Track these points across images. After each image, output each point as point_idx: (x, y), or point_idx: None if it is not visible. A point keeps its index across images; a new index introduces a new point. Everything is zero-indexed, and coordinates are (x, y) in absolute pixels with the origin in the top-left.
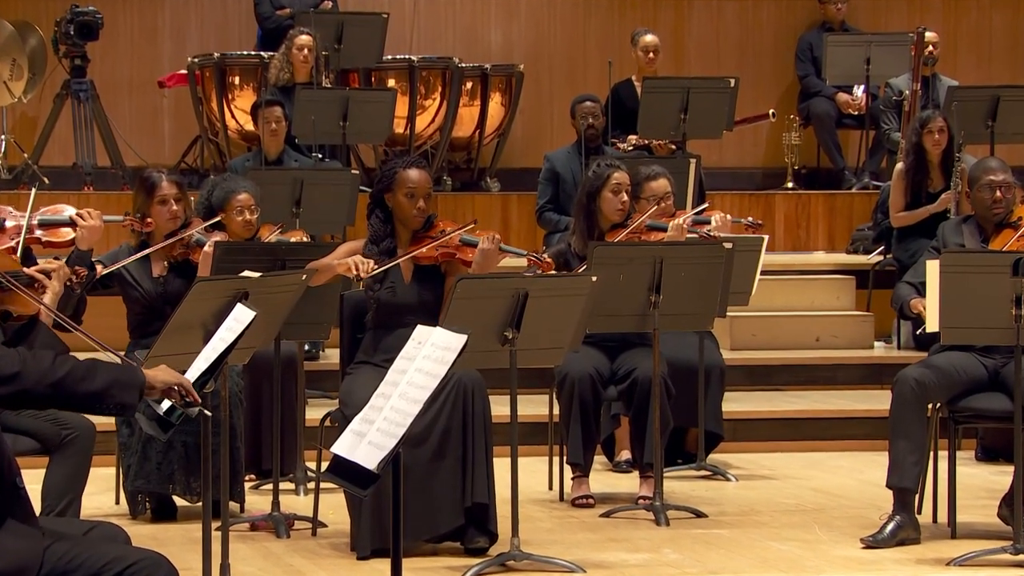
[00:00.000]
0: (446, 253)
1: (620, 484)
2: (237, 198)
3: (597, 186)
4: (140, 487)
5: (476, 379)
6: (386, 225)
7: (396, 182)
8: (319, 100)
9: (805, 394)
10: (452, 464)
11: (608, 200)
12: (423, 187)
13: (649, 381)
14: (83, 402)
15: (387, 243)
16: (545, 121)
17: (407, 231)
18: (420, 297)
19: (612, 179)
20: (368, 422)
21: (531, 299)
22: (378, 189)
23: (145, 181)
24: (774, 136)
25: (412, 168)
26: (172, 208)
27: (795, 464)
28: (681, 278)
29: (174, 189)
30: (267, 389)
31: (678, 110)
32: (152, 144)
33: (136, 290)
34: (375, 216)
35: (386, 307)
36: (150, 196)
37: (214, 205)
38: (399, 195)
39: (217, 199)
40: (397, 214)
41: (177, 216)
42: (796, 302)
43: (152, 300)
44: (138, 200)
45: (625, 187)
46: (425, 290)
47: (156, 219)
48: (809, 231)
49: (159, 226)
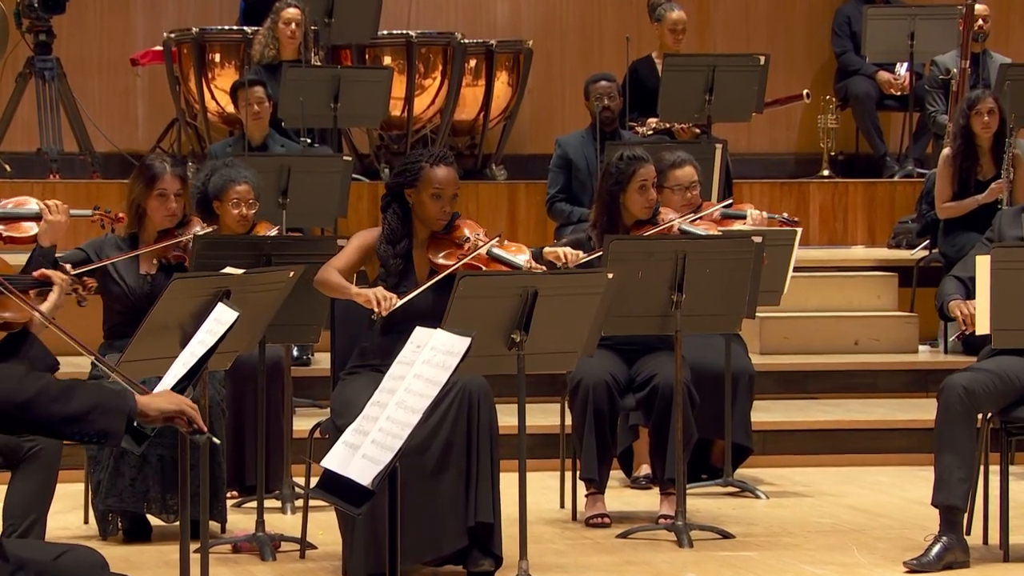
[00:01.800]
0: (470, 267)
1: (639, 502)
2: (236, 188)
3: (622, 183)
4: (112, 506)
5: (482, 386)
6: (404, 224)
7: (421, 180)
8: (308, 79)
9: (842, 403)
10: (455, 479)
11: (635, 199)
12: (451, 187)
13: (671, 389)
14: (57, 426)
15: (404, 244)
16: (556, 103)
17: (426, 230)
18: (435, 304)
19: (639, 176)
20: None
21: (541, 298)
22: (398, 183)
23: (146, 170)
24: (808, 119)
25: (440, 166)
26: (171, 205)
27: (831, 480)
28: (706, 275)
29: (176, 184)
30: (251, 397)
31: (702, 90)
32: (124, 128)
33: (119, 286)
34: (392, 212)
35: (398, 314)
36: (149, 187)
37: (210, 193)
38: (423, 195)
39: (215, 187)
40: (418, 213)
41: (175, 214)
42: (832, 302)
43: (136, 300)
44: (135, 189)
45: (652, 182)
46: (441, 297)
47: (152, 214)
48: (847, 224)
49: (154, 222)
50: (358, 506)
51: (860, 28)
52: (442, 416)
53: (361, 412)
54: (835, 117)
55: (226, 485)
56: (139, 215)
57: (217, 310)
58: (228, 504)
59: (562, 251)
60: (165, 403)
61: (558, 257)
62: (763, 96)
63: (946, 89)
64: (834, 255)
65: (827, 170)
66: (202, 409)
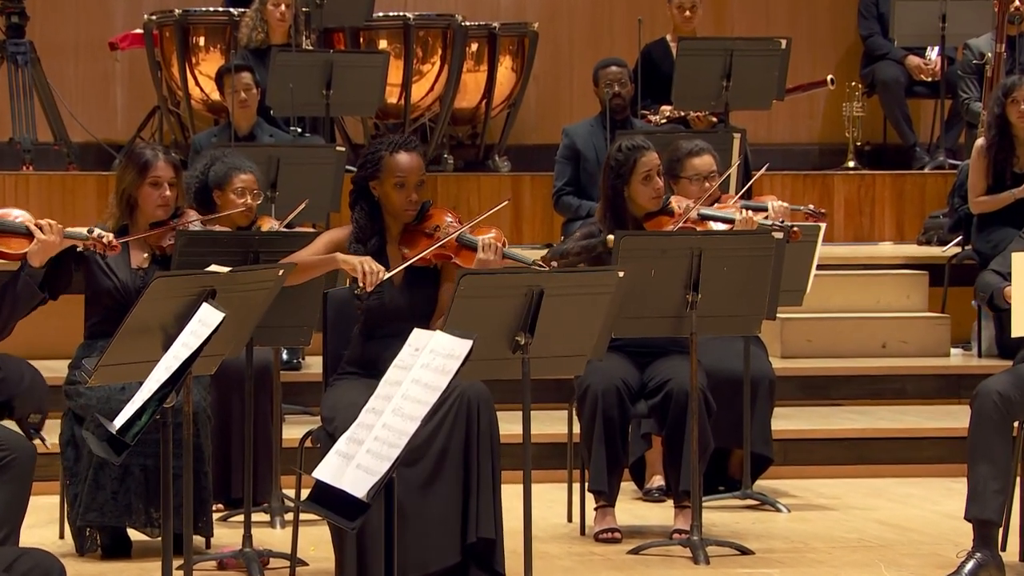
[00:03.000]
0: (442, 255)
1: (651, 515)
2: (240, 177)
3: (624, 175)
4: (92, 520)
5: (482, 392)
6: (373, 220)
7: (382, 170)
8: (298, 65)
9: (869, 410)
10: (449, 492)
11: (640, 191)
12: (415, 174)
13: (685, 395)
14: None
15: (375, 242)
16: (563, 89)
17: (397, 224)
18: (412, 302)
19: (640, 166)
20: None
21: (547, 298)
22: (360, 177)
23: (137, 157)
24: (833, 107)
25: (400, 152)
26: (165, 193)
27: (857, 492)
28: (723, 273)
29: (170, 171)
30: (238, 404)
31: (720, 76)
32: (102, 116)
33: (109, 279)
34: (360, 208)
35: (374, 315)
36: (141, 175)
37: (211, 183)
38: (387, 185)
39: (216, 176)
40: (385, 206)
41: (168, 204)
42: (858, 302)
43: (126, 295)
44: (126, 178)
45: (656, 170)
46: (418, 294)
47: (144, 203)
48: (874, 218)
49: (146, 212)
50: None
51: (888, 10)
52: (438, 424)
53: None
54: (861, 105)
55: (211, 497)
56: (130, 206)
57: (201, 311)
58: (213, 517)
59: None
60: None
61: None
62: (784, 82)
63: (980, 75)
64: (860, 252)
65: (852, 161)
66: (185, 417)
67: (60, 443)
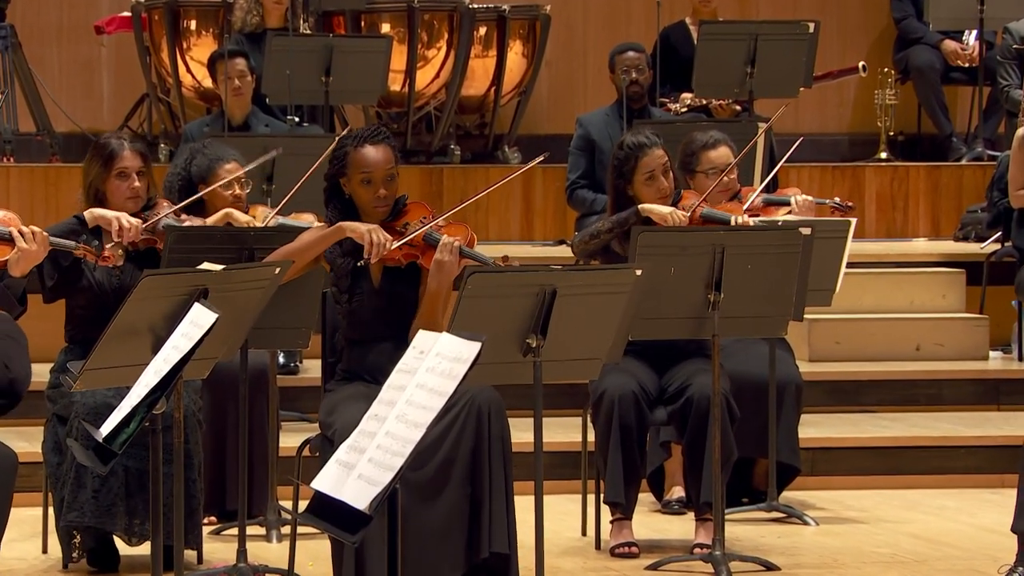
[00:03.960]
0: (410, 254)
1: (671, 529)
2: (225, 168)
3: (626, 174)
4: (73, 521)
5: (493, 398)
6: (347, 218)
7: (348, 165)
8: (296, 50)
9: (902, 417)
10: (454, 504)
11: (644, 192)
12: (381, 170)
13: (707, 400)
14: None
15: (350, 241)
16: (577, 76)
17: (372, 222)
18: (390, 304)
19: (642, 166)
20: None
21: (560, 298)
22: (330, 174)
23: (102, 148)
24: (864, 95)
25: (366, 145)
26: (133, 184)
27: (889, 504)
28: (747, 272)
29: (138, 161)
30: (232, 410)
31: (743, 62)
32: (88, 105)
33: (85, 278)
34: (333, 207)
35: (354, 318)
36: (107, 167)
37: (194, 177)
38: (354, 182)
39: (199, 169)
40: (357, 203)
41: (138, 195)
42: (891, 302)
43: (104, 295)
44: (91, 171)
45: (661, 169)
46: (397, 296)
47: (112, 197)
48: (907, 213)
49: (115, 206)
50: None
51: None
52: (444, 431)
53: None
54: (894, 92)
55: (203, 509)
56: (99, 200)
57: (193, 311)
58: (205, 531)
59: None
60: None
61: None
62: (812, 69)
63: (1020, 60)
64: (893, 249)
65: (885, 152)
66: (176, 423)
67: (43, 451)
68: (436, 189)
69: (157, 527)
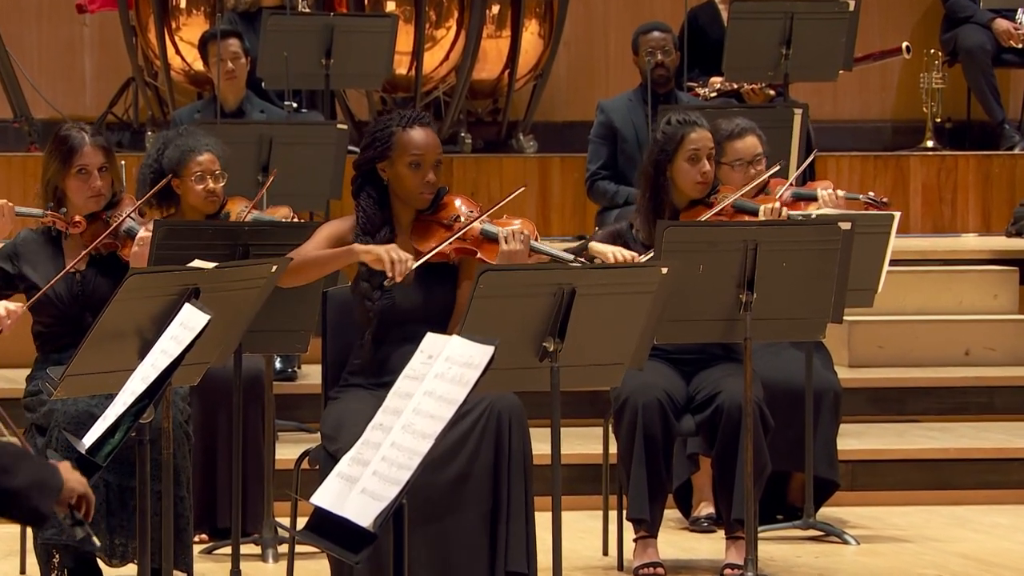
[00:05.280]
0: (463, 249)
1: (699, 548)
2: (197, 160)
3: (668, 152)
4: (51, 539)
5: (514, 406)
6: (381, 208)
7: (394, 148)
8: (294, 30)
9: (950, 427)
10: (470, 523)
11: (683, 171)
12: (432, 152)
13: (739, 409)
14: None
15: (385, 232)
16: (598, 58)
17: (409, 212)
18: (427, 303)
19: (688, 142)
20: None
21: (579, 298)
22: (367, 159)
23: (61, 142)
24: (908, 78)
25: (415, 127)
26: (95, 183)
27: (936, 522)
28: (782, 270)
29: (99, 156)
30: (224, 419)
31: (778, 43)
32: (69, 89)
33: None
34: (365, 195)
35: (385, 319)
36: (66, 163)
37: (165, 168)
38: (399, 166)
39: (170, 160)
40: (396, 191)
41: (100, 193)
42: (938, 302)
43: (65, 306)
44: (50, 167)
45: (707, 151)
46: (433, 294)
47: (73, 195)
48: (956, 206)
49: (76, 205)
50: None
51: None
52: (459, 441)
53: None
54: (941, 76)
55: (193, 526)
56: (58, 199)
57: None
58: (196, 551)
59: (612, 251)
60: (78, 483)
61: (607, 258)
62: (852, 50)
63: None
64: (940, 245)
65: (931, 141)
66: (164, 434)
67: None
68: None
69: (144, 547)
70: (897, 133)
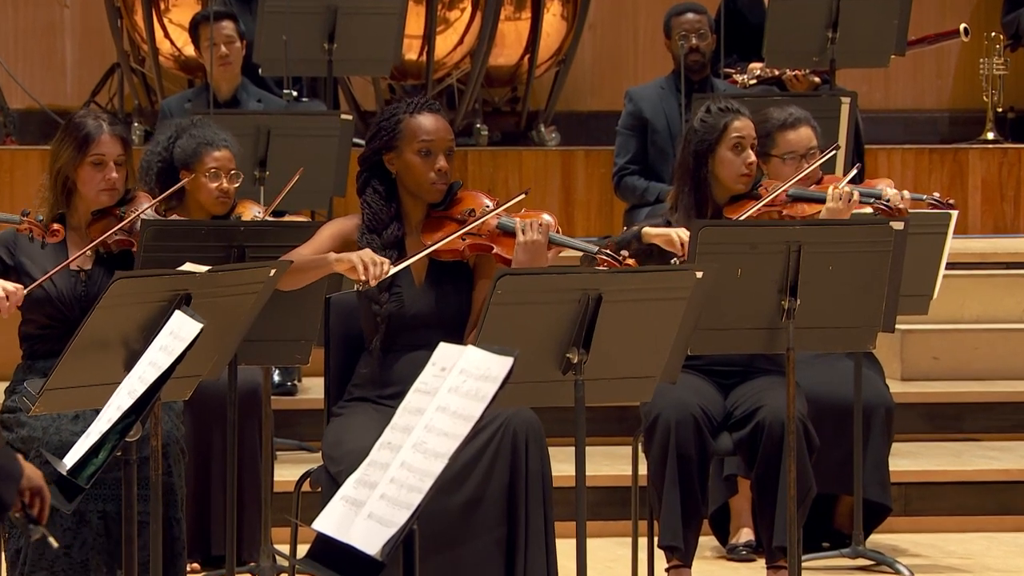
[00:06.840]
0: (477, 245)
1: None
2: (214, 155)
3: (709, 142)
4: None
5: (531, 423)
6: (389, 203)
7: (402, 136)
8: (293, 11)
9: (1012, 446)
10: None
11: (727, 162)
12: (443, 138)
13: (781, 427)
14: None
15: (393, 229)
16: (626, 42)
17: (420, 207)
18: (439, 306)
19: (731, 131)
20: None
21: (606, 304)
22: (373, 150)
23: (76, 130)
24: (967, 64)
25: (424, 113)
26: (110, 175)
27: (997, 549)
28: (828, 274)
29: (117, 147)
30: (219, 437)
31: (823, 26)
32: (48, 77)
33: (42, 287)
34: (372, 190)
35: (392, 325)
36: (80, 152)
37: (176, 160)
38: (408, 154)
39: (183, 151)
40: (406, 183)
41: (115, 187)
42: (999, 310)
43: (66, 305)
44: (63, 154)
45: (750, 141)
46: (445, 296)
47: (85, 187)
48: (1019, 204)
49: (87, 199)
50: None
51: None
52: (469, 463)
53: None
54: (1003, 61)
55: (185, 553)
56: (67, 190)
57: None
58: None
59: (673, 233)
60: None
61: (670, 242)
62: (906, 33)
63: None
64: (1001, 247)
65: (992, 133)
66: (153, 453)
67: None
68: (459, 175)
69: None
70: (954, 124)
